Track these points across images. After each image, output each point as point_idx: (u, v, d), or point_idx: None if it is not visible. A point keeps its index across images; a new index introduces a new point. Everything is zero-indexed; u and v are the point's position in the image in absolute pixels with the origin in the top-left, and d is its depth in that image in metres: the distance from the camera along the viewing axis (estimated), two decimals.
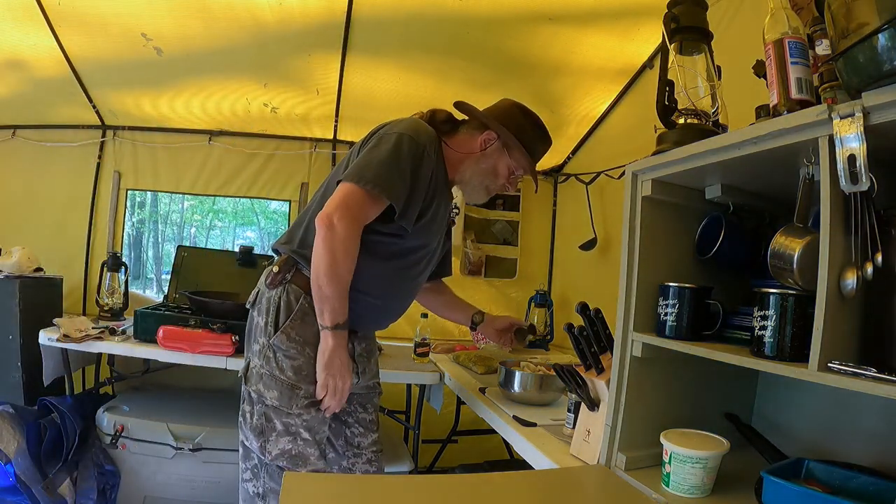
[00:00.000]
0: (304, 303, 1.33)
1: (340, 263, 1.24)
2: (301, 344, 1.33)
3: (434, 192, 1.36)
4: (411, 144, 1.29)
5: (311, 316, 1.33)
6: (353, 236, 1.24)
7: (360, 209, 1.25)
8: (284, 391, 1.31)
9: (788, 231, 0.86)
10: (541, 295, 2.81)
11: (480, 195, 1.52)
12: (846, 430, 1.05)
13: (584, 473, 1.15)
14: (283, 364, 1.32)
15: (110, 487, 2.05)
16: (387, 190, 1.24)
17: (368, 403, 1.61)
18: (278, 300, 1.33)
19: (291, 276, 1.35)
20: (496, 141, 1.45)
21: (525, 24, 2.04)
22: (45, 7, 1.96)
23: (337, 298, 1.27)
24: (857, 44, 0.70)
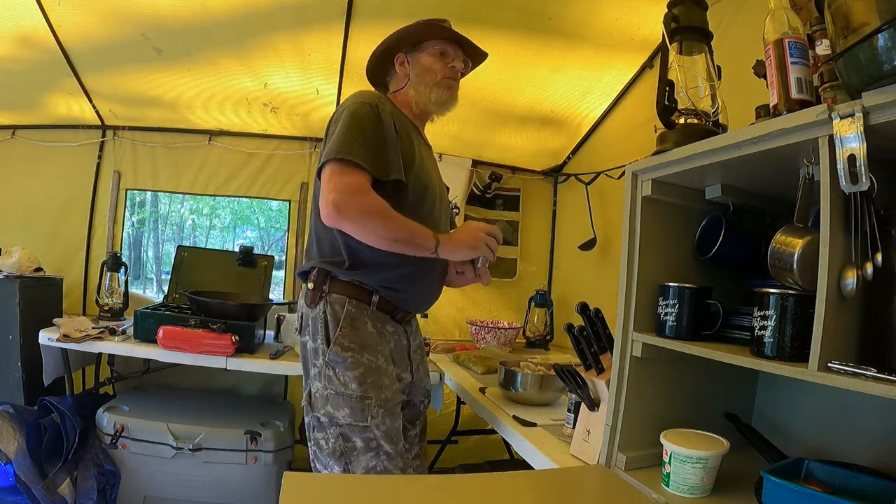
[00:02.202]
0: (350, 307, 1.31)
1: (381, 218, 1.22)
2: (357, 350, 1.30)
3: (406, 138, 1.36)
4: (362, 108, 1.30)
5: (360, 319, 1.31)
6: (362, 197, 1.21)
7: (346, 178, 1.22)
8: (355, 406, 1.27)
9: (788, 231, 0.86)
10: (541, 295, 2.81)
11: (442, 96, 1.45)
12: (846, 430, 1.05)
13: (584, 473, 1.15)
14: (345, 378, 1.28)
15: (110, 487, 2.05)
16: (359, 155, 1.23)
17: (418, 418, 1.55)
18: (324, 315, 1.31)
19: (329, 286, 1.33)
20: (404, 54, 1.47)
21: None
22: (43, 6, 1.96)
23: (411, 230, 1.25)
24: (857, 44, 0.70)
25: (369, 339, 1.31)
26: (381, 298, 1.35)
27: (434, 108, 1.48)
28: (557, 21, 2.00)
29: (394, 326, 1.40)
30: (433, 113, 1.51)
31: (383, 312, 1.37)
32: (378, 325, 1.35)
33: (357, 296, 1.33)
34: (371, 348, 1.31)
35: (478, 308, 2.99)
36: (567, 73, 2.30)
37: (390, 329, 1.39)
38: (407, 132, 1.38)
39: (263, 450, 2.11)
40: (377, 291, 1.34)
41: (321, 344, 1.30)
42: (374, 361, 1.31)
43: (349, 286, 1.32)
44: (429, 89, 1.44)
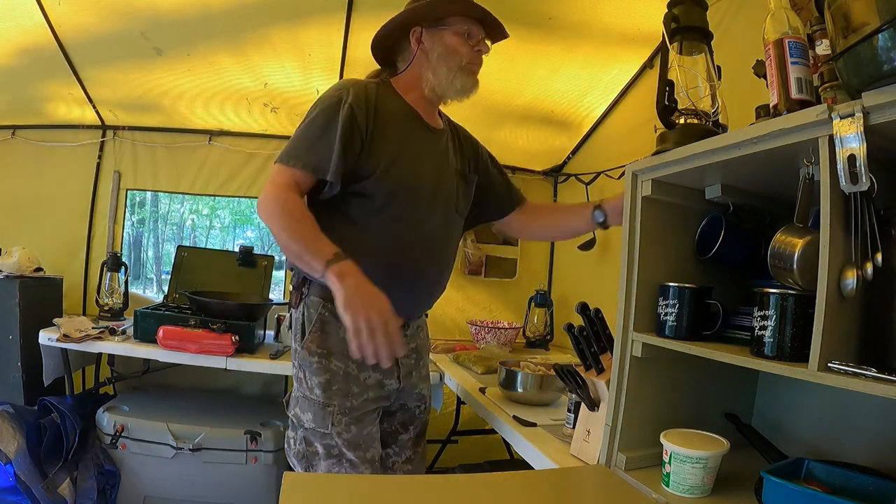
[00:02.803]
0: (324, 311, 1.27)
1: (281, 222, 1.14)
2: (324, 356, 1.26)
3: (377, 130, 1.24)
4: (322, 104, 1.24)
5: (332, 324, 1.26)
6: (278, 197, 1.16)
7: (282, 181, 1.19)
8: (318, 412, 1.26)
9: (788, 231, 0.86)
10: (541, 295, 2.81)
11: (467, 83, 1.33)
12: (846, 430, 1.05)
13: (584, 473, 1.15)
14: (311, 382, 1.27)
15: (110, 487, 2.05)
16: (302, 159, 1.19)
17: (412, 423, 1.47)
18: (301, 317, 1.30)
19: (308, 289, 1.30)
20: (423, 30, 1.32)
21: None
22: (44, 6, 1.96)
23: (307, 242, 1.13)
24: (857, 44, 0.70)
25: (339, 345, 1.24)
26: None
27: (454, 95, 1.36)
28: (558, 21, 2.00)
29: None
30: (451, 98, 1.38)
31: None
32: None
33: (333, 299, 1.18)
34: (340, 354, 1.25)
35: (478, 308, 2.99)
36: (567, 73, 2.31)
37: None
38: (377, 124, 1.26)
39: (263, 450, 2.12)
40: None
41: (297, 345, 1.29)
42: (342, 368, 1.26)
43: (325, 289, 1.20)
44: (452, 74, 1.31)
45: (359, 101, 1.23)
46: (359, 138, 1.22)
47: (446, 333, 2.89)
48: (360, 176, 1.24)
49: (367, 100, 1.25)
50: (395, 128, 1.29)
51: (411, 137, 1.33)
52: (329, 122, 1.21)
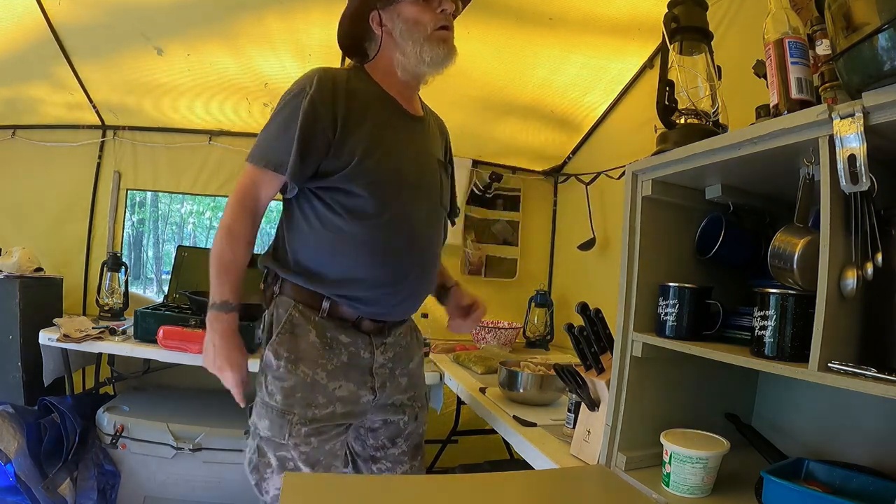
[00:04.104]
0: (295, 312, 1.19)
1: (222, 245, 1.18)
2: (292, 361, 1.17)
3: (350, 118, 1.17)
4: (286, 97, 1.19)
5: (303, 327, 1.19)
6: (237, 219, 1.18)
7: (248, 188, 1.19)
8: (275, 419, 1.17)
9: (788, 231, 0.86)
10: (541, 295, 2.81)
11: (437, 53, 1.21)
12: (846, 430, 1.05)
13: (584, 473, 1.15)
14: (273, 387, 1.18)
15: (110, 487, 2.05)
16: (264, 158, 1.18)
17: (399, 436, 1.37)
18: (270, 317, 1.22)
19: (279, 287, 1.24)
20: (378, 11, 1.24)
21: None
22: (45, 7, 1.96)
23: (220, 273, 1.17)
24: (857, 44, 0.70)
25: (309, 351, 1.18)
26: (333, 305, 1.21)
27: (428, 69, 1.24)
28: (558, 20, 2.00)
29: (352, 338, 1.23)
30: (427, 74, 1.26)
31: (339, 320, 1.22)
32: (326, 334, 1.20)
33: (305, 300, 1.21)
34: (310, 360, 1.18)
35: None
36: (567, 73, 2.31)
37: (345, 340, 1.22)
38: (369, 109, 1.20)
39: None
40: (329, 298, 1.21)
41: (264, 346, 1.22)
42: (309, 375, 1.18)
43: (298, 289, 1.21)
44: (419, 47, 1.20)
45: (323, 91, 1.16)
46: (323, 133, 1.15)
47: (446, 334, 2.88)
48: (333, 169, 1.17)
49: (334, 88, 1.17)
50: (370, 114, 1.20)
51: (390, 124, 1.24)
52: (290, 118, 1.15)
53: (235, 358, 1.19)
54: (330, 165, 1.17)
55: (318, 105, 1.15)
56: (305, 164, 1.15)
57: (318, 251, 1.21)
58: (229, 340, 1.19)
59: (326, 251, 1.20)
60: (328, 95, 1.16)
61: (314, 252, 1.22)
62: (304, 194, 1.22)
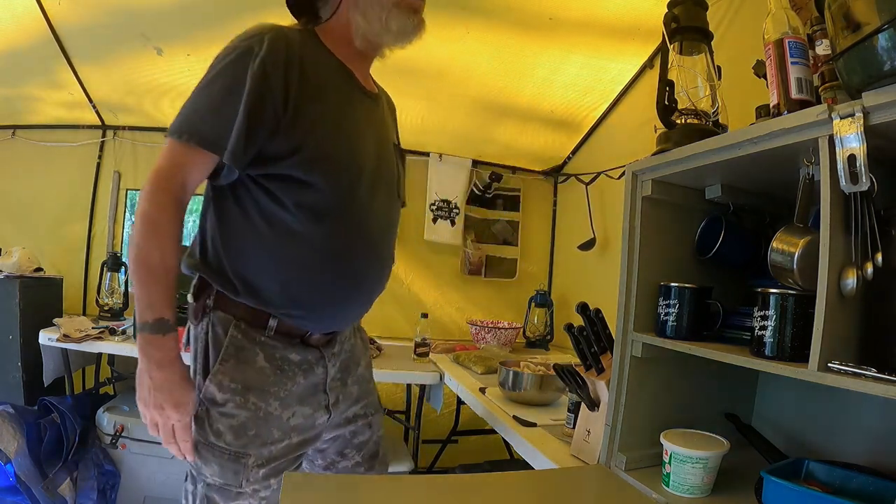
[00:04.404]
0: (236, 333, 0.99)
1: (147, 244, 0.91)
2: (240, 392, 0.98)
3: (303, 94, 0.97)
4: (227, 57, 0.95)
5: (249, 350, 0.99)
6: (162, 210, 0.93)
7: (172, 171, 0.94)
8: (227, 464, 0.98)
9: (788, 231, 0.86)
10: (541, 295, 2.81)
11: (403, 21, 1.05)
12: (846, 430, 1.05)
13: (584, 473, 1.15)
14: (220, 426, 0.97)
15: (110, 487, 2.05)
16: (196, 132, 0.93)
17: (347, 447, 1.21)
18: (205, 338, 1.00)
19: (213, 301, 1.01)
20: None
21: None
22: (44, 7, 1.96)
23: (144, 285, 0.91)
24: (857, 44, 0.70)
25: (258, 378, 0.99)
26: (281, 322, 1.02)
27: (392, 40, 1.08)
28: (558, 21, 2.00)
29: (301, 354, 1.05)
30: (388, 46, 1.10)
31: (287, 337, 1.04)
32: (275, 356, 1.02)
33: (247, 318, 1.00)
34: (260, 390, 0.99)
35: (478, 308, 2.99)
36: (567, 73, 2.31)
37: (295, 359, 1.04)
38: (325, 84, 1.01)
39: None
40: (275, 315, 1.02)
41: (198, 375, 1.00)
42: (262, 408, 0.99)
43: (237, 304, 1.00)
44: (385, 13, 1.03)
45: (276, 54, 0.94)
46: (272, 106, 0.94)
47: (446, 333, 2.89)
48: (280, 154, 0.96)
49: (288, 53, 0.96)
50: (326, 91, 1.01)
51: (349, 103, 1.06)
52: (234, 83, 0.92)
53: (180, 395, 0.95)
54: (276, 149, 0.95)
55: (270, 71, 0.93)
56: (251, 143, 0.93)
57: (263, 257, 1.00)
58: (171, 371, 0.94)
59: (274, 258, 0.99)
60: (281, 60, 0.95)
61: (257, 258, 1.00)
62: (242, 183, 0.99)
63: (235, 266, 1.00)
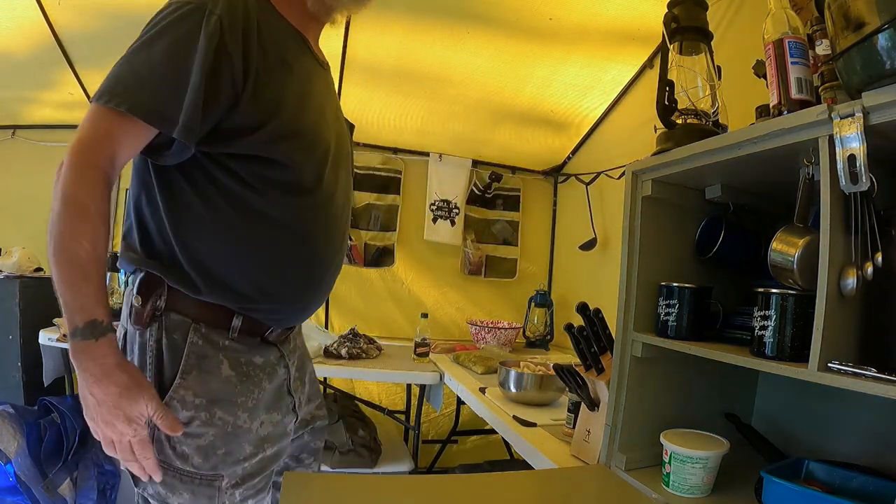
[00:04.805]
0: (196, 339, 0.86)
1: (71, 231, 0.77)
2: (205, 408, 0.86)
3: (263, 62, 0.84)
4: (175, 12, 0.80)
5: (212, 358, 0.87)
6: (89, 189, 0.79)
7: (100, 143, 0.80)
8: (199, 490, 0.85)
9: (788, 231, 0.86)
10: (541, 295, 2.81)
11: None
12: (846, 430, 1.05)
13: (584, 473, 1.15)
14: (185, 448, 0.85)
15: (110, 487, 2.05)
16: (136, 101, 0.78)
17: (305, 451, 1.12)
18: (156, 347, 0.85)
19: (165, 301, 0.86)
20: None
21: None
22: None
23: (70, 281, 0.77)
24: (857, 44, 0.70)
25: (224, 389, 0.87)
26: (245, 320, 0.90)
27: (348, 2, 0.97)
28: (558, 21, 2.00)
29: (264, 356, 0.94)
30: (342, 10, 0.99)
31: (249, 337, 0.92)
32: (240, 361, 0.90)
33: (208, 319, 0.87)
34: (226, 402, 0.87)
35: (478, 308, 2.99)
36: (567, 73, 2.31)
37: (259, 361, 0.93)
38: (284, 53, 0.89)
39: None
40: (240, 312, 0.90)
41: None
42: (230, 422, 0.88)
43: (197, 304, 0.86)
44: None
45: (234, 13, 0.81)
46: (230, 74, 0.80)
47: (446, 333, 2.89)
48: (241, 130, 0.83)
49: (246, 15, 0.83)
50: (288, 60, 0.89)
51: (308, 75, 0.95)
52: (184, 44, 0.78)
53: (129, 407, 0.78)
54: (237, 123, 0.83)
55: (228, 33, 0.80)
56: (208, 117, 0.80)
57: (229, 246, 0.87)
58: (112, 382, 0.78)
59: (243, 245, 0.85)
60: (239, 22, 0.81)
61: (222, 247, 0.87)
62: (197, 163, 0.85)
63: (195, 258, 0.86)
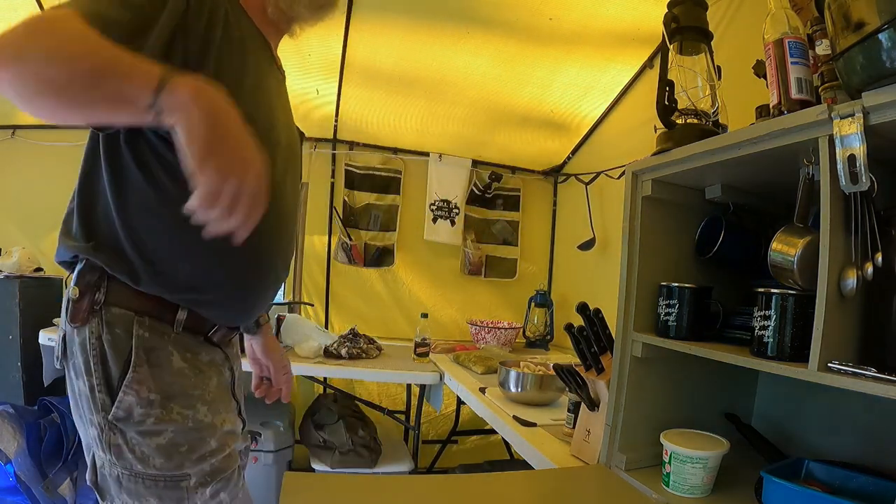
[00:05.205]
0: (142, 331, 0.80)
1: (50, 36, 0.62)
2: (160, 403, 0.80)
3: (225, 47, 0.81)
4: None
5: (161, 350, 0.81)
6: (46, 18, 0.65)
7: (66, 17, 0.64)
8: (165, 493, 0.80)
9: (788, 231, 0.86)
10: (541, 295, 2.81)
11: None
12: (846, 429, 1.05)
13: (584, 473, 1.15)
14: (144, 449, 0.79)
15: None
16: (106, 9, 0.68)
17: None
18: (98, 344, 0.80)
19: (104, 294, 0.81)
20: None
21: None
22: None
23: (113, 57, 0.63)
24: (857, 44, 0.70)
25: (179, 383, 0.82)
26: (189, 314, 0.85)
27: (307, 13, 0.95)
28: (558, 21, 2.00)
29: (209, 354, 0.89)
30: (300, 21, 0.97)
31: (192, 334, 0.87)
32: (188, 354, 0.85)
33: (152, 311, 0.82)
34: (182, 396, 0.82)
35: (478, 308, 2.99)
36: (567, 73, 2.31)
37: (205, 359, 0.88)
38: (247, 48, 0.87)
39: (263, 450, 2.11)
40: (184, 305, 0.84)
41: (99, 392, 0.80)
42: (189, 416, 0.82)
43: (138, 295, 0.81)
44: None
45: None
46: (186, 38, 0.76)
47: (446, 333, 2.89)
48: None
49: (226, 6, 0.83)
50: (247, 49, 0.87)
51: (263, 71, 0.92)
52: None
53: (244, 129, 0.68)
54: None
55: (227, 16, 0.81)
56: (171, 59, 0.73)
57: (174, 230, 0.80)
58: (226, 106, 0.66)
59: (186, 227, 0.71)
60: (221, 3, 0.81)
61: (165, 230, 0.81)
62: (142, 135, 0.79)
63: (138, 242, 0.80)
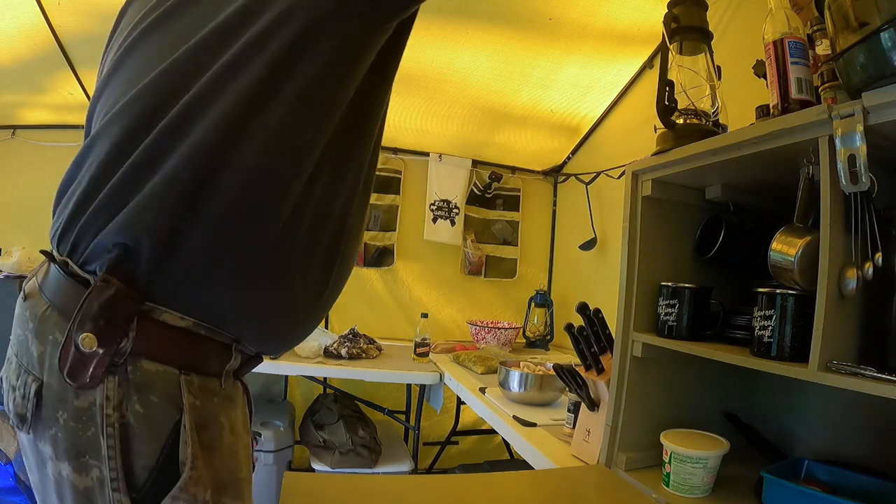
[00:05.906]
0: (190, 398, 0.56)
1: None
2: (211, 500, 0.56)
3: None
4: None
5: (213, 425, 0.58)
6: None
7: None
8: None
9: (788, 231, 0.86)
10: (541, 295, 2.81)
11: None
12: (846, 430, 1.05)
13: (584, 473, 1.15)
14: None
15: None
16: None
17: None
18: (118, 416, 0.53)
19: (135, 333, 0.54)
20: None
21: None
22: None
23: None
24: (857, 44, 0.70)
25: (229, 465, 0.60)
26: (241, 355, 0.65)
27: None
28: (558, 21, 2.00)
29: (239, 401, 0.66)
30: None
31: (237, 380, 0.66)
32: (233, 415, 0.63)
33: (198, 361, 0.59)
34: (234, 483, 0.60)
35: (478, 308, 2.99)
36: (567, 73, 2.31)
37: (241, 417, 0.65)
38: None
39: (263, 450, 2.11)
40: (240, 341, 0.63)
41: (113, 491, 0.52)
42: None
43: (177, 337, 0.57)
44: None
45: None
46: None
47: (446, 333, 2.89)
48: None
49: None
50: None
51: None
52: None
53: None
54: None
55: None
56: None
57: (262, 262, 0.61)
58: None
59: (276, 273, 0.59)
60: None
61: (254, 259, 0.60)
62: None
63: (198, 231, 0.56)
